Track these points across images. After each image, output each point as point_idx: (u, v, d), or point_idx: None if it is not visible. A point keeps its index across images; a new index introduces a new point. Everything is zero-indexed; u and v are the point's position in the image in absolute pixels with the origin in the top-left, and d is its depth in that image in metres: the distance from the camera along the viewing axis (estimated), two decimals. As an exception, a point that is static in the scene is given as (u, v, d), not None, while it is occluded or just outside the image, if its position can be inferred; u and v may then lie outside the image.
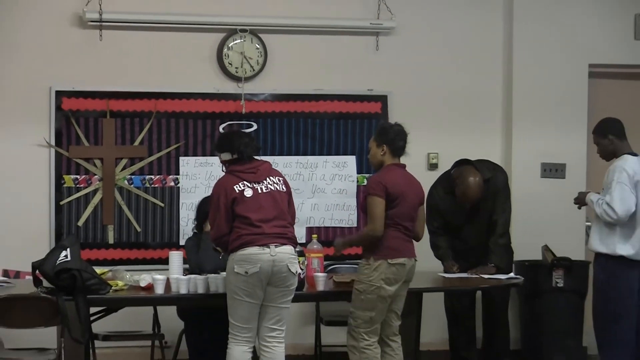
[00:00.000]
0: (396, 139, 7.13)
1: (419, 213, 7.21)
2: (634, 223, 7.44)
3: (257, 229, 6.64)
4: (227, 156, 6.90)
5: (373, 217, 6.94)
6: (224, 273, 6.83)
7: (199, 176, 8.78)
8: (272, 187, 6.83)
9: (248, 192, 6.72)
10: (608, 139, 7.58)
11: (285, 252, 6.69)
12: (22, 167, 8.52)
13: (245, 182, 6.76)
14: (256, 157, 6.99)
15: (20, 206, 8.52)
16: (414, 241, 7.21)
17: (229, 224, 6.72)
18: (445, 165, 8.79)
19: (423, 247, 8.09)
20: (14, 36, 8.57)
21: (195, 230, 7.89)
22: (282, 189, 6.89)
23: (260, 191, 6.76)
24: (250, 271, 6.57)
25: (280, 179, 6.96)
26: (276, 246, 6.65)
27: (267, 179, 6.84)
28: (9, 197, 8.50)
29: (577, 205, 7.92)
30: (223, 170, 6.99)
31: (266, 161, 7.09)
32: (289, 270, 6.68)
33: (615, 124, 7.68)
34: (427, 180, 8.30)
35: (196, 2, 8.87)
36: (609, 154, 7.62)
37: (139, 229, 8.76)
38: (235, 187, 6.73)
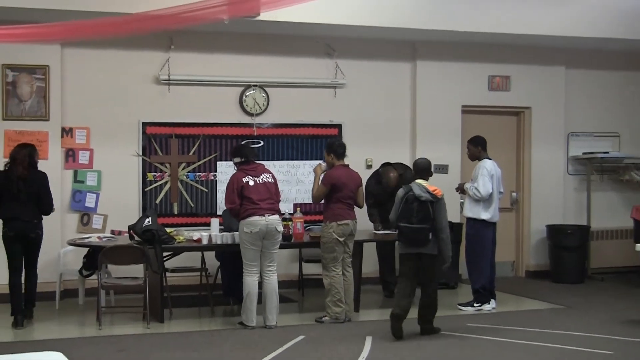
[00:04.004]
0: (337, 148, 7.21)
1: (359, 192, 7.23)
2: (491, 199, 7.64)
3: (257, 205, 6.75)
4: (237, 160, 6.97)
5: (316, 193, 7.09)
6: (242, 231, 6.87)
7: (228, 173, 8.24)
8: (266, 180, 6.90)
9: (251, 182, 6.81)
10: (478, 148, 7.75)
11: (274, 219, 6.81)
12: (123, 169, 8.51)
13: (249, 176, 6.84)
14: (256, 161, 7.08)
15: (122, 192, 8.51)
16: (357, 207, 7.25)
17: (239, 201, 6.74)
18: (376, 165, 8.88)
19: (364, 217, 8.25)
20: (118, 89, 8.53)
21: (229, 206, 7.88)
22: (272, 180, 6.95)
23: (258, 182, 6.84)
24: (253, 231, 6.73)
25: (271, 174, 7.00)
26: (269, 215, 6.77)
27: (263, 174, 6.92)
28: (115, 187, 8.48)
29: (458, 191, 8.00)
30: (235, 169, 7.04)
31: (261, 163, 7.15)
32: (276, 230, 6.80)
33: (484, 140, 7.82)
34: (365, 174, 8.50)
35: (226, 69, 8.79)
36: (475, 157, 7.80)
37: (192, 205, 8.74)
38: (243, 179, 6.81)
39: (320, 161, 7.60)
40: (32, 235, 7.02)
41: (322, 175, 7.18)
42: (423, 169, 6.69)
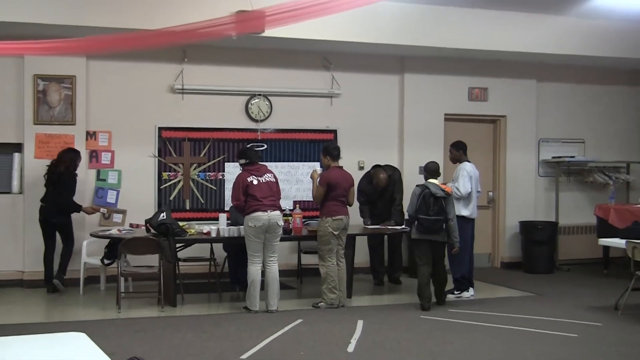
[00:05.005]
0: (333, 151, 7.20)
1: (350, 191, 7.19)
2: (470, 198, 7.62)
3: (260, 202, 6.72)
4: (243, 161, 6.94)
5: (316, 193, 7.02)
6: (248, 225, 6.86)
7: (235, 173, 8.17)
8: (268, 179, 6.85)
9: (255, 182, 6.76)
10: (459, 152, 7.74)
11: (275, 214, 6.77)
12: (141, 168, 8.52)
13: (253, 176, 6.79)
14: (260, 162, 7.06)
15: (140, 189, 8.51)
16: (348, 206, 7.20)
17: (244, 198, 6.73)
18: (368, 167, 8.87)
19: (356, 212, 8.25)
20: (137, 97, 8.53)
21: (235, 202, 7.87)
22: (273, 180, 6.91)
23: (262, 181, 6.80)
24: (257, 225, 6.70)
25: (273, 174, 6.95)
26: (271, 211, 6.73)
27: (265, 174, 6.87)
28: (134, 185, 8.48)
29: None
30: (240, 169, 7.01)
31: (264, 164, 7.13)
32: (277, 224, 6.76)
33: (464, 145, 7.81)
34: (358, 175, 8.55)
35: (234, 80, 8.76)
36: (456, 160, 7.79)
37: (202, 201, 8.72)
38: (248, 178, 6.77)
39: (315, 167, 7.63)
40: (53, 221, 7.65)
41: (319, 177, 7.18)
42: (434, 170, 7.26)
